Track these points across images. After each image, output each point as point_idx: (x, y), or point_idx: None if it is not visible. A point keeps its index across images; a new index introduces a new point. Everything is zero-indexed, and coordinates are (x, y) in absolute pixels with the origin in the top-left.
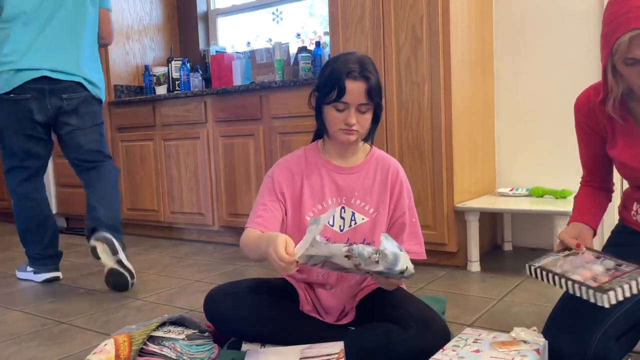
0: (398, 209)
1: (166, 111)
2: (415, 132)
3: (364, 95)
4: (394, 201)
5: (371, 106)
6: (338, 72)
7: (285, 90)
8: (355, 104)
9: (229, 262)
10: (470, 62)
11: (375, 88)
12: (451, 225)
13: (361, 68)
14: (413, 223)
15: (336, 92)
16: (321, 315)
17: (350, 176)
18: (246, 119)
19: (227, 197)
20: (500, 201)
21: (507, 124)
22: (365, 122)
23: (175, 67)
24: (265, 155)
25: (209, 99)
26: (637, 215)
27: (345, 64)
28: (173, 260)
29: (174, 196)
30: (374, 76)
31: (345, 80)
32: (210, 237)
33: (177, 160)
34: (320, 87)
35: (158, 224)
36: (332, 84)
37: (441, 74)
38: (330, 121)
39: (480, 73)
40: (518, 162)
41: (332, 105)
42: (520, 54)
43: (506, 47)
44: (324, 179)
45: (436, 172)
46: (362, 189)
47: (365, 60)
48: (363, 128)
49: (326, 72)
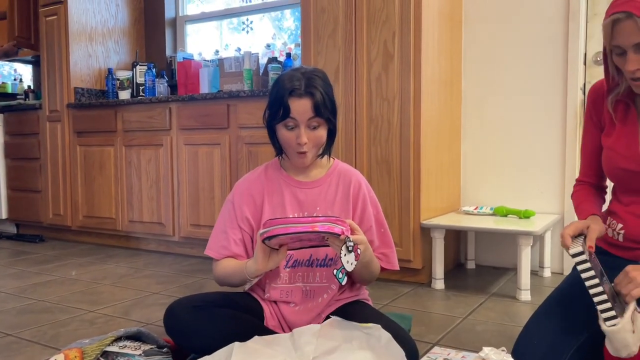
0: (364, 222)
1: (129, 116)
2: (384, 148)
3: (310, 111)
4: (358, 214)
5: (322, 121)
6: (282, 90)
7: (253, 99)
8: (304, 121)
9: (188, 275)
10: (440, 81)
11: (324, 103)
12: (417, 241)
13: (306, 84)
14: (382, 233)
15: (282, 111)
16: (285, 332)
17: (312, 190)
18: (212, 127)
19: (190, 207)
20: (466, 219)
21: (473, 144)
22: (318, 138)
23: (140, 72)
24: (231, 165)
25: (174, 106)
26: (609, 229)
27: (290, 81)
28: (130, 270)
29: (133, 204)
30: (321, 91)
31: (288, 99)
32: (169, 247)
33: (138, 168)
34: (269, 106)
35: (115, 233)
36: (277, 103)
37: (411, 91)
38: (283, 140)
39: (449, 93)
40: (483, 181)
41: (281, 124)
42: (488, 77)
43: (474, 70)
44: (285, 195)
45: (404, 188)
46: (324, 203)
47: (312, 76)
48: (316, 145)
49: (273, 90)
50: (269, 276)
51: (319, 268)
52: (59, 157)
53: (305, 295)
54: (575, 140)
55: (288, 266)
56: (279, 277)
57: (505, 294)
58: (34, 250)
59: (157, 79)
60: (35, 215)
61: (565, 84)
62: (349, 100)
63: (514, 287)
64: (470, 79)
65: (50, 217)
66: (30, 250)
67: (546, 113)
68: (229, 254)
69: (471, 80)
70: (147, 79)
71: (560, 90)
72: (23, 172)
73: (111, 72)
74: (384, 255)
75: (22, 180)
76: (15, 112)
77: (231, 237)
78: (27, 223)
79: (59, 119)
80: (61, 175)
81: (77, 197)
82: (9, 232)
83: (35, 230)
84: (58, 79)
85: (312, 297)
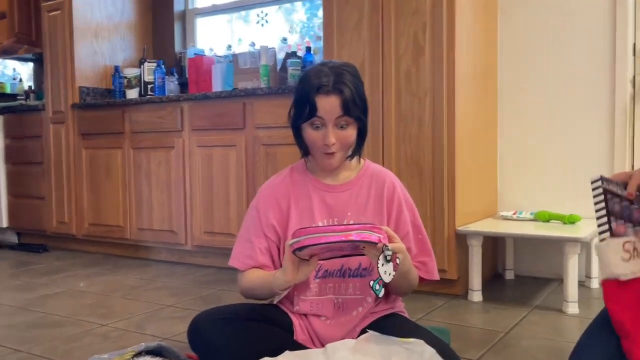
0: (400, 227)
1: (137, 117)
2: (415, 148)
3: (339, 110)
4: (394, 219)
5: (352, 120)
6: (308, 86)
7: (271, 97)
8: (332, 120)
9: (204, 286)
10: (474, 75)
11: (353, 100)
12: (451, 250)
13: (335, 81)
14: (420, 240)
15: (308, 109)
16: (317, 347)
17: (342, 194)
18: (227, 127)
19: (203, 213)
20: (504, 225)
21: (510, 142)
22: (347, 138)
23: (148, 70)
24: (247, 168)
25: (186, 105)
26: None
27: (316, 77)
28: (141, 282)
29: (142, 211)
30: (351, 87)
31: (315, 97)
32: (181, 257)
33: (148, 172)
34: (295, 104)
35: (123, 242)
36: (303, 101)
37: (444, 87)
38: (310, 140)
39: (484, 88)
40: (522, 183)
41: (307, 123)
42: (526, 69)
43: (511, 62)
44: (313, 200)
45: (437, 191)
46: (356, 208)
47: (342, 71)
48: (345, 145)
49: (299, 87)
50: (297, 288)
51: (352, 279)
52: (63, 161)
53: (337, 308)
54: (624, 137)
55: (318, 277)
56: (309, 289)
57: (550, 307)
58: (38, 261)
59: (167, 77)
60: (38, 223)
61: (612, 76)
62: (375, 96)
63: (559, 299)
64: (507, 72)
65: (54, 225)
66: (34, 261)
67: (592, 108)
68: (255, 264)
69: (508, 73)
70: (157, 77)
71: (607, 83)
72: (25, 177)
73: (118, 70)
74: (423, 264)
75: (24, 186)
76: (16, 113)
77: (257, 245)
78: (30, 232)
79: (63, 120)
80: (65, 181)
81: (82, 204)
82: (11, 241)
83: (39, 240)
84: (62, 78)
85: (345, 310)
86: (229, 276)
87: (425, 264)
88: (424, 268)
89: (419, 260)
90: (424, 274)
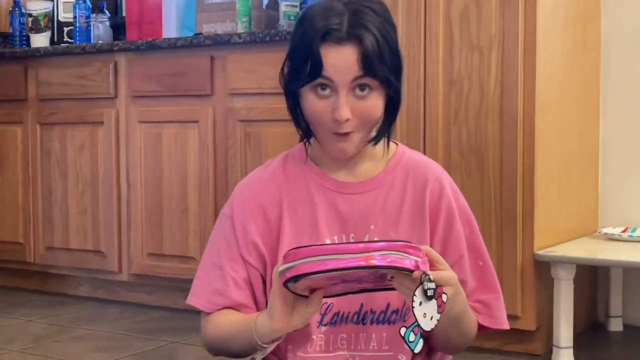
0: (450, 249)
1: (47, 76)
2: (474, 129)
3: (356, 68)
4: (440, 237)
5: (376, 84)
6: (311, 32)
7: (254, 49)
8: (346, 83)
9: (147, 336)
10: (566, 19)
11: (379, 54)
12: (527, 285)
13: (351, 22)
14: (481, 269)
15: (309, 66)
16: None
17: (361, 197)
18: (186, 94)
19: (147, 226)
20: (609, 248)
21: (619, 125)
22: (369, 111)
23: (65, 4)
24: (217, 156)
25: (122, 59)
26: None
27: (323, 17)
28: (51, 329)
29: (53, 221)
30: (376, 34)
31: (320, 47)
32: (113, 292)
33: (63, 160)
34: (290, 59)
35: (24, 267)
36: (302, 54)
37: (520, 36)
38: (312, 115)
39: (582, 40)
40: (636, 185)
41: (309, 88)
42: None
43: (622, 1)
44: (318, 206)
45: (506, 196)
46: (383, 219)
47: (362, 7)
48: (366, 122)
49: (296, 33)
50: (292, 340)
51: (376, 326)
52: None
53: None
54: None
55: (325, 323)
56: (310, 341)
57: None
58: None
59: (94, 15)
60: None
61: None
62: (413, 50)
63: None
64: (615, 15)
65: None
66: None
67: None
68: (227, 302)
69: (620, 15)
70: (78, 15)
71: None
72: None
73: (18, 4)
74: (484, 304)
75: None
76: None
77: (229, 275)
78: None
79: None
80: None
81: None
82: None
83: None
84: None
85: None
86: (186, 321)
87: (488, 305)
88: (485, 311)
89: (478, 299)
90: (485, 320)
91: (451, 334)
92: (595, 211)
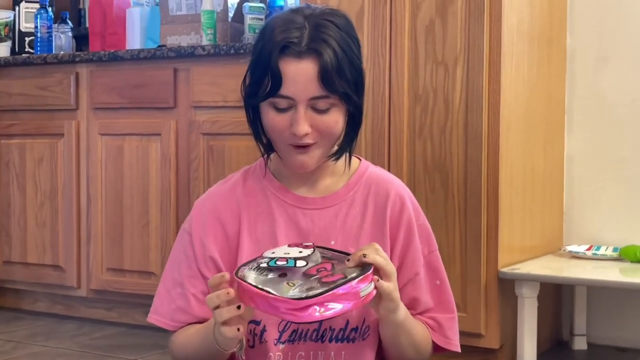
0: (407, 265)
1: (7, 87)
2: (438, 144)
3: (315, 83)
4: (398, 251)
5: (336, 99)
6: (270, 44)
7: (218, 61)
8: (305, 99)
9: (105, 353)
10: (530, 35)
11: (339, 69)
12: (491, 303)
13: (311, 36)
14: (437, 288)
15: (268, 80)
16: None
17: (322, 213)
18: (148, 106)
19: (107, 241)
20: (573, 266)
21: (585, 139)
22: (328, 126)
23: (26, 13)
24: (179, 170)
25: (84, 70)
26: None
27: (283, 30)
28: (8, 345)
29: (10, 234)
30: (336, 49)
31: (279, 60)
32: (71, 308)
33: (22, 172)
34: (250, 72)
35: None
36: (262, 68)
37: (485, 51)
38: (271, 129)
39: (547, 55)
40: (601, 204)
41: (268, 103)
42: (611, 28)
43: (588, 16)
44: (277, 221)
45: (470, 213)
46: (343, 235)
47: (323, 21)
48: (326, 137)
49: (257, 46)
50: (251, 358)
51: (335, 344)
52: None
53: None
54: None
55: (283, 341)
56: (269, 359)
57: None
58: None
59: (56, 26)
60: None
61: None
62: (378, 63)
63: None
64: (580, 32)
65: None
66: None
67: None
68: (191, 319)
69: (583, 34)
70: (40, 25)
71: None
72: None
73: None
74: (438, 324)
75: None
76: None
77: (190, 292)
78: None
79: None
80: None
81: None
82: None
83: None
84: None
85: None
86: (146, 338)
87: (440, 324)
88: (438, 330)
89: (432, 317)
90: (438, 338)
91: (402, 342)
92: (560, 228)
